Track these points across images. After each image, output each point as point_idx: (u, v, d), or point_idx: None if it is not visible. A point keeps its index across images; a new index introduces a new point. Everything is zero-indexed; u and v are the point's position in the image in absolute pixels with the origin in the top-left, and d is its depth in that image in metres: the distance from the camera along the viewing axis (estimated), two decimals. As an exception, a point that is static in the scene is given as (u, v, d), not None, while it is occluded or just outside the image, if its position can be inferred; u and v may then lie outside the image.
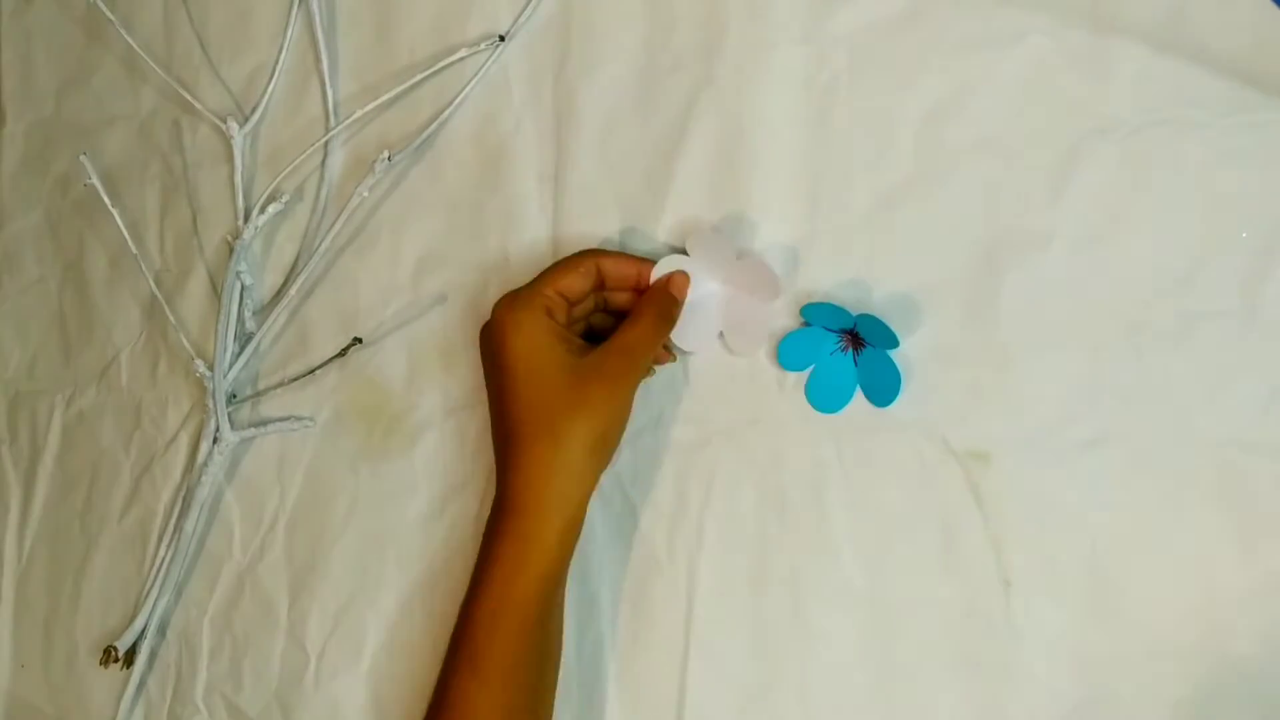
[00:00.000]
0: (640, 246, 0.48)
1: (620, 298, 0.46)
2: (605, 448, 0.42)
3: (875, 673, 0.43)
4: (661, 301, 0.44)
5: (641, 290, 0.45)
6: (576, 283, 0.44)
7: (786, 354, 0.45)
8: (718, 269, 0.45)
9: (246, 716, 0.54)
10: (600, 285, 0.45)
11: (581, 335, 0.45)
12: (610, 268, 0.45)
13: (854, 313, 0.43)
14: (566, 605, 0.46)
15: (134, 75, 0.60)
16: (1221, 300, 0.40)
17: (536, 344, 0.42)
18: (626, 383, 0.42)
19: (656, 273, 0.45)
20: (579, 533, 0.43)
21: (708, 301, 0.46)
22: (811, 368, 0.45)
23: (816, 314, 0.44)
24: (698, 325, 0.46)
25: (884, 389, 0.43)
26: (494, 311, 0.43)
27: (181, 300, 0.58)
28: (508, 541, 0.41)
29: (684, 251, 0.46)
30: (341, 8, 0.55)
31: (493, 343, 0.43)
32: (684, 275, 0.45)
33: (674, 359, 0.47)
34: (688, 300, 0.45)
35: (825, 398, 0.45)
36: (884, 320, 0.42)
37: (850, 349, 0.44)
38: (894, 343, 0.42)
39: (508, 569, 0.41)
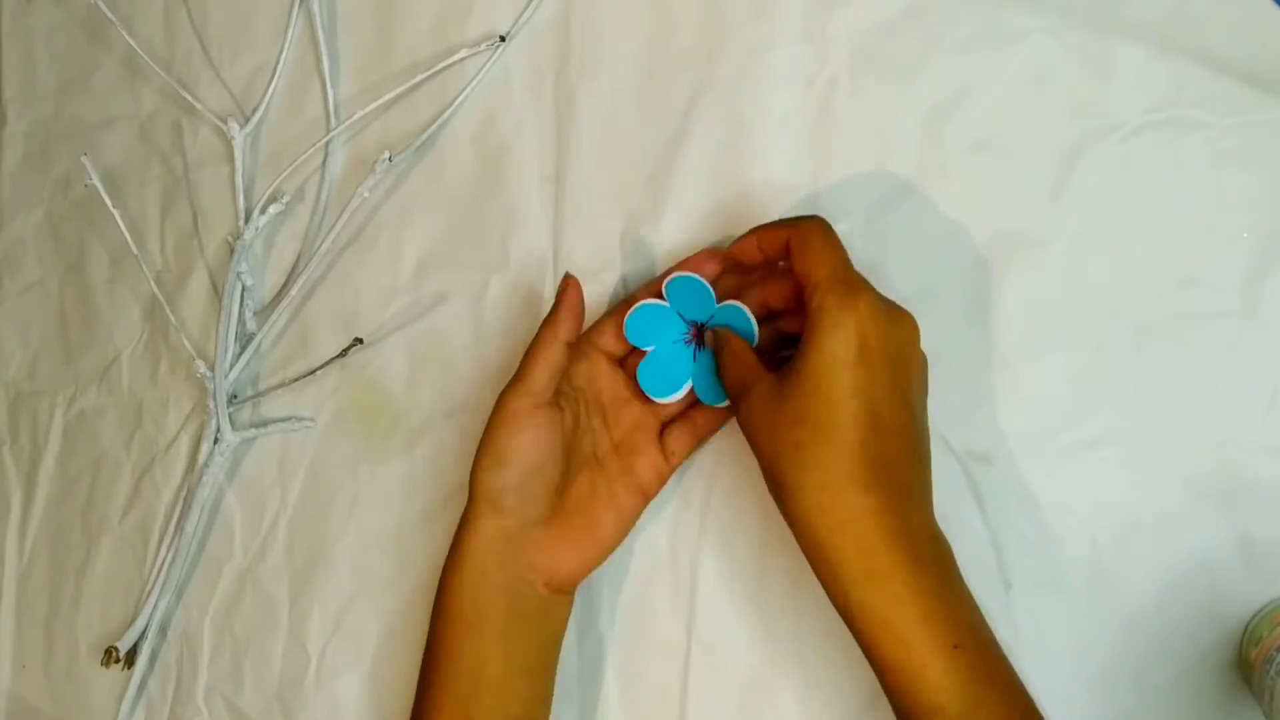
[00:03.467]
0: (639, 255, 0.48)
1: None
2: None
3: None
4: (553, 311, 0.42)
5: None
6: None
7: (633, 326, 0.43)
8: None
9: (247, 717, 0.54)
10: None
11: None
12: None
13: (718, 302, 0.42)
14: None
15: (135, 76, 0.60)
16: (1223, 301, 0.40)
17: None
18: (501, 408, 0.41)
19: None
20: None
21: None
22: (651, 349, 0.43)
23: (679, 294, 0.43)
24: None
25: (719, 390, 0.42)
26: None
27: (182, 301, 0.58)
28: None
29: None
30: (342, 8, 0.55)
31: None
32: (571, 278, 0.42)
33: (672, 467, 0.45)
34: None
35: (656, 383, 0.43)
36: (748, 315, 0.41)
37: (694, 344, 0.43)
38: (750, 341, 0.42)
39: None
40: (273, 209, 0.55)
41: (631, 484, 0.43)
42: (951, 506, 0.42)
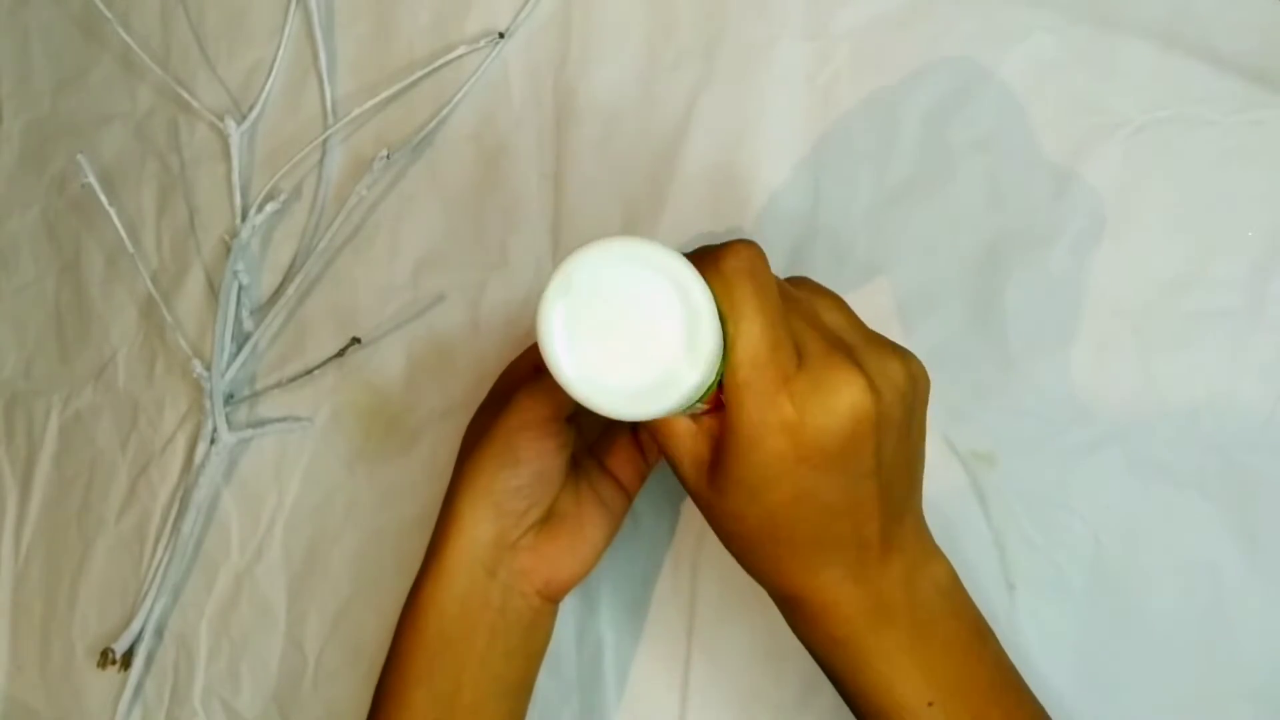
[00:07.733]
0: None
1: None
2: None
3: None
4: None
5: None
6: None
7: None
8: None
9: (244, 719, 0.54)
10: None
11: None
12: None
13: None
14: (567, 606, 0.46)
15: (131, 73, 0.60)
16: (1227, 299, 0.40)
17: None
18: (523, 410, 0.39)
19: None
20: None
21: None
22: None
23: None
24: None
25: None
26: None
27: (179, 300, 0.58)
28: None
29: None
30: (340, 4, 0.55)
31: None
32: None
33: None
34: None
35: None
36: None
37: None
38: None
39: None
40: (269, 207, 0.55)
41: (613, 484, 0.43)
42: (954, 508, 0.42)
